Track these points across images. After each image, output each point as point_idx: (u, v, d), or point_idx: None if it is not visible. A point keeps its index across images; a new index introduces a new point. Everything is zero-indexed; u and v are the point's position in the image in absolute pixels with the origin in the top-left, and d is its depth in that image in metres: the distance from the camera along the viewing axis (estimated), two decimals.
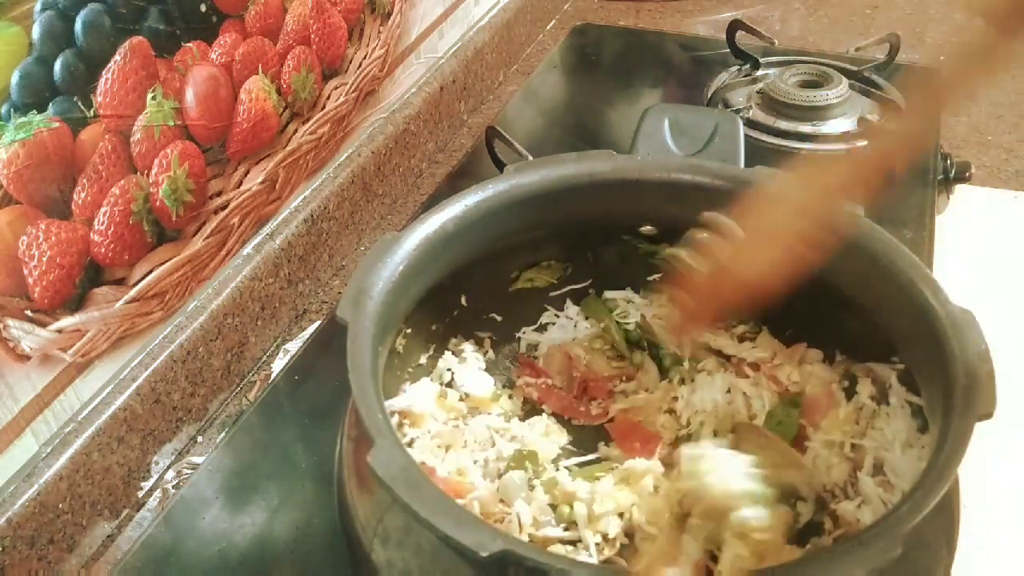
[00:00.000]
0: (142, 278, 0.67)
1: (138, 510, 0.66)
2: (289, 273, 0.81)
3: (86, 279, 0.62)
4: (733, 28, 1.13)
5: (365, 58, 0.90)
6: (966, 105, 1.09)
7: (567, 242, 0.71)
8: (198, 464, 0.69)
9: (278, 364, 0.78)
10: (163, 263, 0.68)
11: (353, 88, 0.89)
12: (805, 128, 1.01)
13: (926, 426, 0.54)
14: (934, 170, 0.93)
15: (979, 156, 1.04)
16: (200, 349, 0.71)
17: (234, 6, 0.71)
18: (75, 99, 0.58)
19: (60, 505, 0.60)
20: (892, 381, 0.59)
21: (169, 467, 0.69)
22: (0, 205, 0.55)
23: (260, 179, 0.77)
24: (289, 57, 0.78)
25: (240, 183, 0.75)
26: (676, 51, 1.27)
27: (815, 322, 0.64)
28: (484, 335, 0.71)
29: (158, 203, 0.66)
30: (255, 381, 0.77)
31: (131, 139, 0.63)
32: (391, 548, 0.49)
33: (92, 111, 0.60)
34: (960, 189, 0.97)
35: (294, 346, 0.80)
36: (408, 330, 0.64)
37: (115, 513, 0.65)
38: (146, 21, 0.63)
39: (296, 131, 0.82)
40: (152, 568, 0.60)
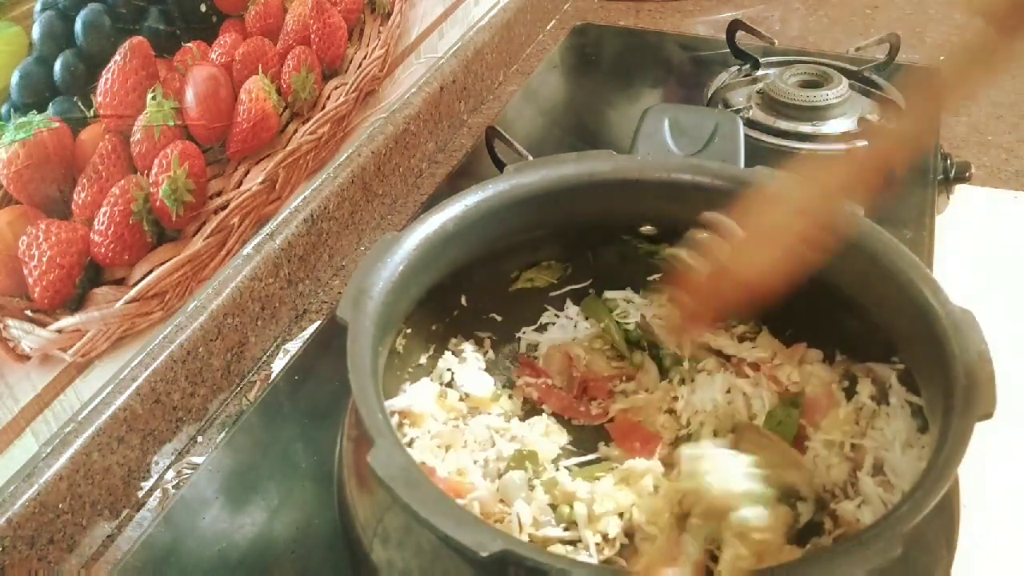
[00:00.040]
0: (142, 278, 0.67)
1: (138, 510, 0.66)
2: (289, 273, 0.81)
3: (86, 279, 0.62)
4: (733, 28, 1.13)
5: (365, 58, 0.90)
6: (966, 105, 1.09)
7: (567, 242, 0.71)
8: (198, 464, 0.69)
9: (278, 364, 0.78)
10: (163, 263, 0.68)
11: (353, 88, 0.89)
12: (805, 128, 1.01)
13: (926, 426, 0.54)
14: (934, 170, 0.93)
15: (979, 156, 1.04)
16: (200, 349, 0.71)
17: (234, 6, 0.71)
18: (75, 99, 0.58)
19: (60, 505, 0.60)
20: (892, 381, 0.59)
21: (169, 467, 0.69)
22: (0, 205, 0.55)
23: (260, 179, 0.77)
24: (289, 57, 0.78)
25: (240, 183, 0.75)
26: (676, 51, 1.27)
27: (815, 322, 0.64)
28: (484, 335, 0.71)
29: (158, 203, 0.66)
30: (255, 381, 0.77)
31: (131, 139, 0.63)
32: (391, 548, 0.49)
33: (92, 111, 0.60)
34: (960, 189, 0.97)
35: (294, 346, 0.80)
36: (408, 330, 0.64)
37: (115, 513, 0.65)
38: (146, 21, 0.63)
39: (296, 131, 0.81)
40: (152, 568, 0.60)
